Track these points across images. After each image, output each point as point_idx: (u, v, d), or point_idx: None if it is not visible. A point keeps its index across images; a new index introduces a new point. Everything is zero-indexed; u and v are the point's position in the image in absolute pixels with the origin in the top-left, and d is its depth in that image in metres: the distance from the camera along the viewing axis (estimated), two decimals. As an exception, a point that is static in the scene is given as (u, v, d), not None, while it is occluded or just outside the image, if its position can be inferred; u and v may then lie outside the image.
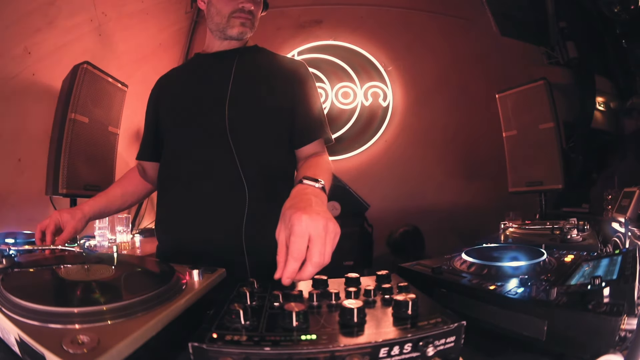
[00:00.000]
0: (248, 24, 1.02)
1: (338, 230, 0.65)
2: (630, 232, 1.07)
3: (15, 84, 1.61)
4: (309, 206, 0.67)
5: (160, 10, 2.42)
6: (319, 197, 0.72)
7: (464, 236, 2.75)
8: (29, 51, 1.65)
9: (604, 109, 2.27)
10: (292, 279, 0.60)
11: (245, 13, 1.01)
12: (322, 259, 0.62)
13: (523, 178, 2.19)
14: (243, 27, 1.02)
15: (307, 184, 0.76)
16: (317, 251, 0.61)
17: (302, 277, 0.60)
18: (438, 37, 2.95)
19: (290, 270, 0.60)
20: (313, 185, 0.76)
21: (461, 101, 2.90)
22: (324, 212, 0.66)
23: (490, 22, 2.29)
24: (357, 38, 3.06)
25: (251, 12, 1.02)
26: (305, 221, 0.63)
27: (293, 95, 1.02)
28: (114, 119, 1.95)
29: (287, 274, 0.60)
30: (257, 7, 1.04)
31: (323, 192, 0.76)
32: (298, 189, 0.75)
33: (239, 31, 1.02)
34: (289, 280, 0.60)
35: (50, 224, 0.91)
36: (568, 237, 1.06)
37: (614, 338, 0.45)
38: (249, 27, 1.03)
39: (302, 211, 0.64)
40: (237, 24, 1.02)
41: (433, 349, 0.41)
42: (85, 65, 1.74)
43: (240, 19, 1.01)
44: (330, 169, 0.98)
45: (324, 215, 0.65)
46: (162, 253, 1.04)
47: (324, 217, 0.64)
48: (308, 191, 0.74)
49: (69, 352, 0.39)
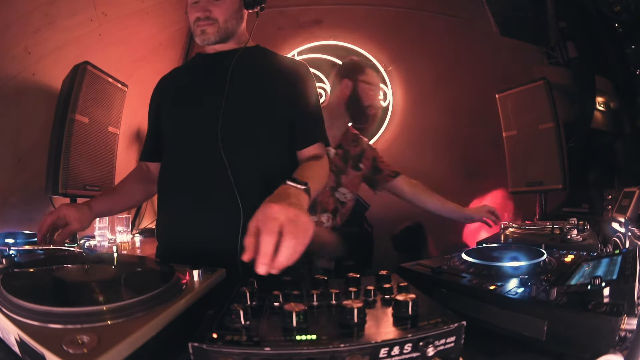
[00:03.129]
0: (208, 29, 1.01)
1: (310, 225, 0.64)
2: (630, 232, 1.07)
3: (15, 84, 1.61)
4: (284, 200, 0.67)
5: (160, 10, 2.41)
6: (298, 197, 0.72)
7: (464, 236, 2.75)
8: (29, 51, 1.65)
9: (604, 109, 2.27)
10: (267, 264, 0.58)
11: (202, 20, 1.00)
12: (294, 243, 0.59)
13: (523, 178, 2.19)
14: (203, 35, 1.01)
15: (290, 184, 0.76)
16: (290, 232, 0.60)
17: (277, 261, 0.58)
18: (438, 37, 2.94)
19: (265, 250, 0.58)
20: (296, 186, 0.76)
21: (461, 101, 2.89)
22: (299, 206, 0.67)
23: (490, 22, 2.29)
24: (357, 38, 3.05)
25: (209, 17, 1.00)
26: (277, 208, 0.63)
27: (293, 96, 1.02)
28: (114, 119, 1.95)
29: (261, 253, 0.58)
30: (219, 10, 1.00)
31: (306, 193, 0.76)
32: (280, 188, 0.75)
33: (200, 39, 1.02)
34: (264, 267, 0.57)
35: (51, 218, 0.90)
36: (568, 237, 1.07)
37: (614, 338, 0.45)
38: (211, 32, 1.01)
39: (275, 202, 0.65)
40: (198, 32, 1.02)
41: (433, 349, 0.41)
42: (85, 65, 1.74)
43: (200, 27, 1.01)
44: (324, 173, 0.98)
45: (298, 207, 0.65)
46: (161, 255, 1.04)
47: (297, 209, 0.64)
48: (289, 191, 0.74)
49: (69, 352, 0.39)
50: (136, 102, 2.06)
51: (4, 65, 1.56)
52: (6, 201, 1.61)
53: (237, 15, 1.05)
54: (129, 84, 2.02)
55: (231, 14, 1.03)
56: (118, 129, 1.98)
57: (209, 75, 1.04)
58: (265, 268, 0.58)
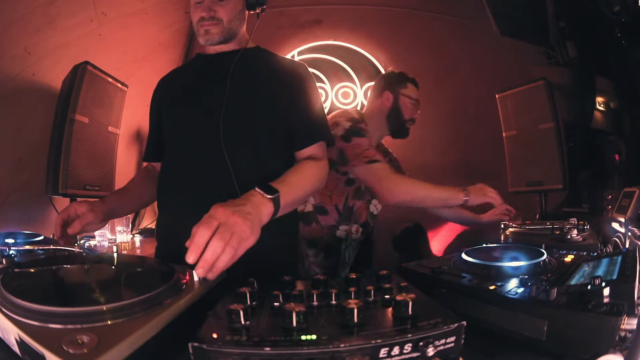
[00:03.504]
0: (212, 30, 1.01)
1: (247, 235, 0.65)
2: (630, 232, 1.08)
3: (15, 84, 1.61)
4: (233, 207, 0.67)
5: (160, 10, 2.41)
6: (256, 206, 0.71)
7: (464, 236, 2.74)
8: (29, 51, 1.65)
9: (604, 109, 2.27)
10: (196, 255, 0.60)
11: (206, 20, 1.00)
12: (222, 245, 0.61)
13: (523, 178, 2.19)
14: (207, 35, 1.01)
15: (257, 191, 0.76)
16: (220, 233, 0.61)
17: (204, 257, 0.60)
18: (438, 37, 2.94)
19: (197, 241, 0.60)
20: (261, 194, 0.75)
21: (461, 101, 2.89)
22: (245, 214, 0.66)
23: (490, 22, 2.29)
24: (357, 38, 3.05)
25: (213, 17, 1.00)
26: (220, 210, 0.64)
27: (292, 96, 1.02)
28: (114, 119, 1.95)
29: (193, 243, 0.60)
30: (224, 10, 1.01)
31: (271, 202, 0.75)
32: (246, 193, 0.75)
33: (204, 39, 1.02)
34: (193, 256, 0.59)
35: (62, 216, 0.89)
36: (568, 237, 1.07)
37: (614, 338, 0.45)
38: (215, 32, 1.01)
39: (221, 206, 0.66)
40: (202, 32, 1.02)
41: (433, 349, 0.41)
42: (85, 65, 1.74)
43: (204, 26, 1.01)
44: (315, 175, 0.97)
45: (243, 216, 0.65)
46: (161, 255, 1.04)
47: (239, 217, 0.64)
48: (250, 198, 0.73)
49: (69, 352, 0.39)
50: (136, 102, 2.06)
51: (4, 65, 1.56)
52: (6, 201, 1.61)
53: (241, 16, 1.06)
54: (129, 84, 2.02)
55: (235, 15, 1.03)
56: (118, 129, 1.98)
57: (210, 76, 1.04)
58: (194, 257, 0.60)
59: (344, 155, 1.39)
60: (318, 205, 1.45)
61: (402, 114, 1.62)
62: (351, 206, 1.48)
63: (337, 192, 1.46)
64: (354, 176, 1.43)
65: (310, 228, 1.45)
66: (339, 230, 1.48)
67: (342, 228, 1.48)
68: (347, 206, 1.47)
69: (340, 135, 1.40)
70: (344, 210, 1.47)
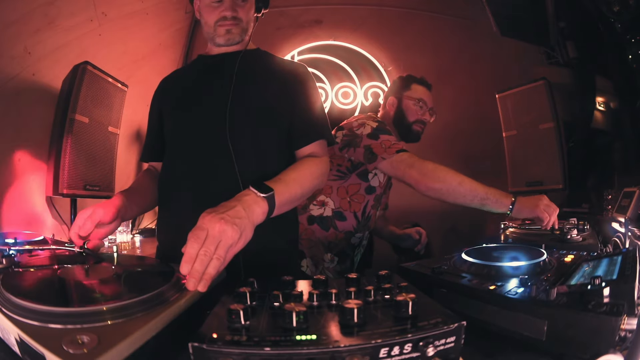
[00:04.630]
0: (234, 30, 1.02)
1: (232, 242, 0.64)
2: (630, 232, 1.08)
3: (15, 84, 1.61)
4: (222, 212, 0.66)
5: (160, 10, 2.42)
6: (249, 207, 0.71)
7: (464, 236, 2.74)
8: (29, 51, 1.65)
9: (604, 109, 2.27)
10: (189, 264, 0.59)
11: (228, 20, 1.00)
12: (209, 255, 0.61)
13: (523, 178, 2.19)
14: (228, 34, 1.02)
15: (251, 190, 0.75)
16: (206, 245, 0.61)
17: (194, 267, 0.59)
18: (438, 37, 2.94)
19: (185, 261, 0.60)
20: (256, 193, 0.75)
21: (461, 101, 2.89)
22: (233, 218, 0.66)
23: (490, 22, 2.29)
24: (357, 38, 3.05)
25: (235, 17, 1.01)
26: (207, 219, 0.64)
27: (292, 97, 1.02)
28: (114, 119, 1.95)
29: (185, 256, 0.60)
30: (243, 11, 1.02)
31: (265, 201, 0.75)
32: (239, 193, 0.75)
33: (225, 39, 1.02)
34: (191, 283, 0.59)
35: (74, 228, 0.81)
36: (568, 237, 1.07)
37: (614, 338, 0.45)
38: (237, 32, 1.02)
39: (209, 213, 0.65)
40: (222, 32, 1.02)
41: (433, 349, 0.41)
42: (85, 65, 1.74)
43: (225, 26, 1.01)
44: (314, 172, 0.96)
45: (229, 223, 0.64)
46: (161, 254, 1.04)
47: (225, 223, 0.64)
48: (243, 198, 0.73)
49: (69, 352, 0.39)
50: (136, 102, 2.06)
51: (4, 65, 1.56)
52: (6, 201, 1.61)
53: (254, 18, 1.08)
54: (129, 84, 2.02)
55: (251, 16, 1.06)
56: (118, 129, 1.98)
57: (212, 77, 1.04)
58: (187, 269, 0.59)
59: (372, 152, 1.37)
60: (337, 211, 1.44)
61: (406, 117, 1.61)
62: (369, 216, 1.48)
63: (357, 199, 1.45)
64: (383, 170, 1.40)
65: (327, 233, 1.44)
66: (354, 237, 1.48)
67: (358, 236, 1.49)
68: (365, 215, 1.47)
69: (367, 134, 1.40)
70: (362, 219, 1.47)
